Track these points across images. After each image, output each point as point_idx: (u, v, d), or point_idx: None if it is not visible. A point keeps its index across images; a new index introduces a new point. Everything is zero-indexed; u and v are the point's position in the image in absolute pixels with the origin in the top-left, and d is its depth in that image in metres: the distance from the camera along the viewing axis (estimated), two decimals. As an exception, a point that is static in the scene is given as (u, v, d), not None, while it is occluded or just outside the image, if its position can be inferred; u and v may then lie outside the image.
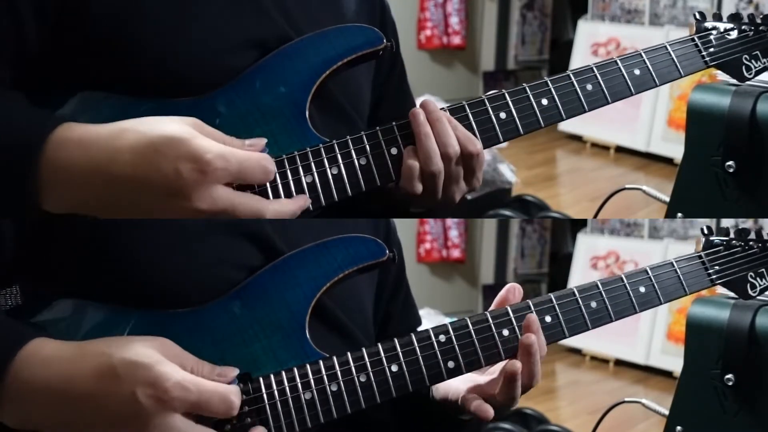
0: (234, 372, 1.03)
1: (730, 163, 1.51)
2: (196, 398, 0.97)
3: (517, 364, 1.11)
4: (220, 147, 1.00)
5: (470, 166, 1.15)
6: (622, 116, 4.02)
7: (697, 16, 1.33)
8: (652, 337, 4.01)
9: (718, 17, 1.33)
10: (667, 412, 1.59)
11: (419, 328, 1.24)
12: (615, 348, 4.11)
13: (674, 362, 3.77)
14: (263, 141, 1.06)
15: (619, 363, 4.14)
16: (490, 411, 1.13)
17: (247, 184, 1.04)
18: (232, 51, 1.11)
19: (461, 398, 1.17)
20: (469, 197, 1.29)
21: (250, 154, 1.02)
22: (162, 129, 0.99)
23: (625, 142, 4.17)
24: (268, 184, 1.08)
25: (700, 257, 1.31)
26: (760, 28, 1.34)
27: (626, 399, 1.78)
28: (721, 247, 1.34)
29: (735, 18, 1.34)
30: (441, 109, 1.15)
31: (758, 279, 1.35)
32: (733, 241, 1.35)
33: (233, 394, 1.00)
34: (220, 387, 0.99)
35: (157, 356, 0.97)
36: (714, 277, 1.31)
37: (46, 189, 0.99)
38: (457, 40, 4.66)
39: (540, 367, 1.15)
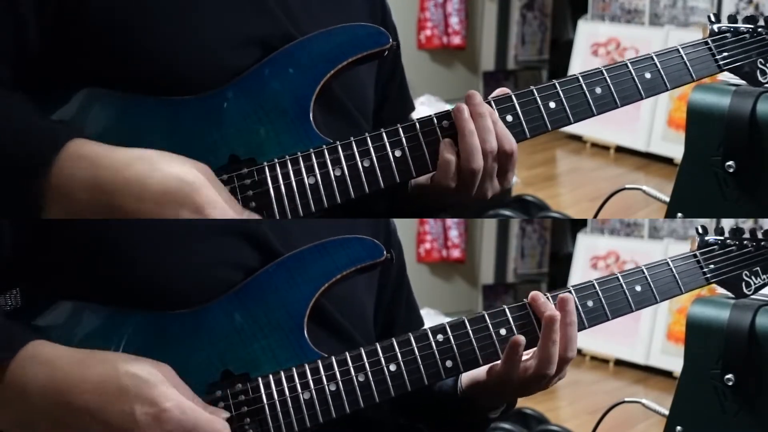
0: (225, 415, 1.03)
1: (730, 163, 1.51)
2: (192, 425, 0.97)
3: (521, 338, 1.12)
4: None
5: (505, 164, 1.14)
6: (622, 116, 4.00)
7: (712, 18, 1.31)
8: (652, 337, 4.00)
9: (732, 19, 1.31)
10: (667, 412, 1.59)
11: (420, 329, 1.25)
12: (615, 348, 4.11)
13: (674, 362, 3.76)
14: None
15: (619, 363, 4.13)
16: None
17: (245, 204, 1.04)
18: (234, 50, 1.11)
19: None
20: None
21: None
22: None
23: (625, 142, 4.16)
24: (270, 186, 1.08)
25: (695, 256, 1.32)
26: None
27: (626, 399, 1.78)
28: (715, 247, 1.35)
29: (750, 20, 1.32)
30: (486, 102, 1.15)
31: (753, 277, 1.36)
32: (728, 241, 1.35)
33: (223, 425, 1.00)
34: (216, 422, 0.99)
35: (161, 377, 0.97)
36: (709, 275, 1.32)
37: (51, 202, 0.99)
38: (457, 40, 4.66)
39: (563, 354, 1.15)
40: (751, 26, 1.32)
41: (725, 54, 1.29)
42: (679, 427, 1.55)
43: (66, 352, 0.99)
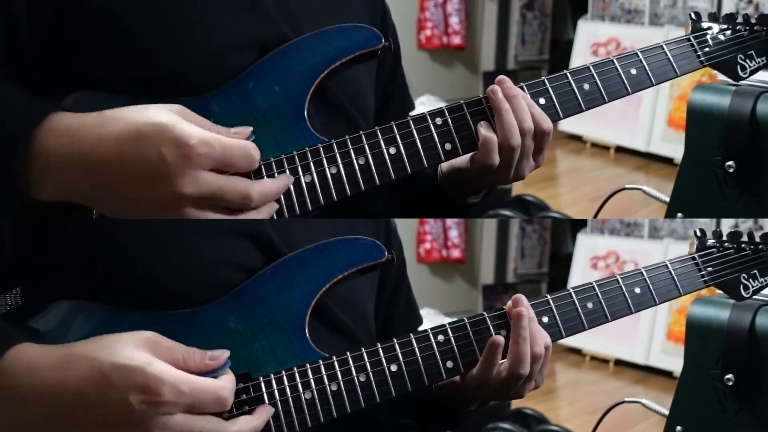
0: (225, 354, 1.02)
1: (730, 163, 1.51)
2: (190, 401, 0.96)
3: (500, 339, 1.13)
4: (204, 132, 1.00)
5: (540, 142, 1.18)
6: (622, 116, 4.01)
7: (693, 16, 1.33)
8: (652, 337, 4.00)
9: (713, 17, 1.34)
10: (667, 412, 1.59)
11: (419, 329, 1.25)
12: (615, 348, 4.11)
13: (674, 362, 3.76)
14: (248, 129, 1.06)
15: (619, 363, 4.13)
16: None
17: (233, 172, 1.04)
18: (232, 51, 1.11)
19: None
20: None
21: (235, 141, 1.02)
22: (147, 116, 0.99)
23: (625, 142, 4.16)
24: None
25: (693, 259, 1.33)
26: (755, 27, 1.35)
27: (626, 399, 1.78)
28: (714, 249, 1.35)
29: (730, 18, 1.34)
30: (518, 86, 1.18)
31: (751, 280, 1.36)
32: (726, 243, 1.36)
33: (226, 390, 1.00)
34: (212, 385, 0.98)
35: (147, 357, 0.96)
36: (707, 278, 1.33)
37: (35, 176, 0.99)
38: (457, 40, 4.66)
39: (536, 366, 1.15)
40: (731, 24, 1.34)
41: (707, 50, 1.31)
42: (679, 427, 1.55)
43: (46, 355, 0.97)
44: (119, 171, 0.98)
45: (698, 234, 1.37)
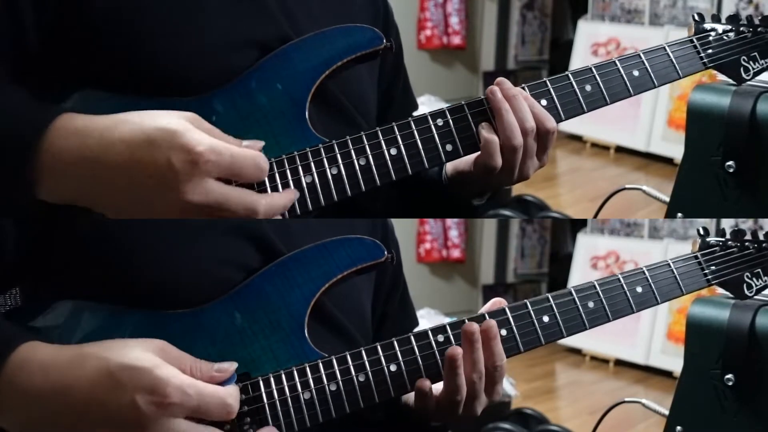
0: (233, 366, 1.02)
1: (730, 163, 1.51)
2: (196, 403, 0.96)
3: (458, 349, 1.10)
4: (213, 140, 1.00)
5: (544, 142, 1.17)
6: (622, 116, 4.01)
7: (696, 17, 1.33)
8: (652, 337, 4.00)
9: (716, 19, 1.33)
10: (667, 412, 1.59)
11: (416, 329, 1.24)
12: (615, 348, 4.11)
13: (674, 362, 3.76)
14: (260, 143, 1.06)
15: (619, 363, 4.13)
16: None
17: (240, 182, 1.04)
18: (233, 51, 1.11)
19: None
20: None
21: (244, 151, 1.02)
22: (157, 121, 0.99)
23: (625, 142, 4.16)
24: (267, 185, 1.08)
25: (696, 257, 1.32)
26: (759, 29, 1.34)
27: (626, 399, 1.78)
28: (717, 248, 1.34)
29: (733, 19, 1.34)
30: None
31: (754, 279, 1.36)
32: (729, 242, 1.35)
33: (231, 397, 1.00)
34: (220, 391, 0.99)
35: (155, 360, 0.96)
36: (710, 277, 1.32)
37: (43, 177, 0.99)
38: (457, 40, 4.66)
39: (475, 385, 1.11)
40: (734, 25, 1.34)
41: (710, 51, 1.31)
42: (679, 427, 1.55)
43: (58, 354, 0.98)
44: (127, 175, 0.98)
45: (701, 233, 1.37)
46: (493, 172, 1.15)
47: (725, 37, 1.32)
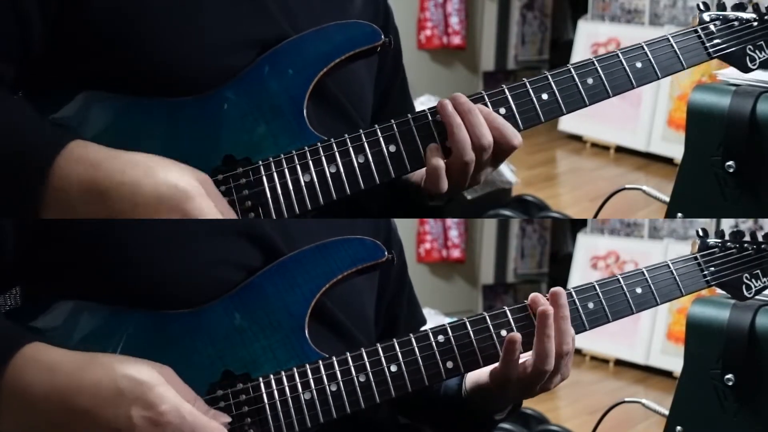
0: (225, 419, 1.03)
1: (730, 163, 1.51)
2: (189, 428, 0.96)
3: (517, 335, 1.11)
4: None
5: (502, 155, 1.15)
6: (622, 116, 4.02)
7: (701, 7, 1.30)
8: (652, 337, 4.01)
9: (722, 7, 1.30)
10: (667, 412, 1.59)
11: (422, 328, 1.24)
12: (615, 348, 4.11)
13: (674, 362, 3.76)
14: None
15: (619, 363, 4.13)
16: None
17: (241, 204, 1.04)
18: (233, 50, 1.11)
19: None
20: (468, 197, 1.29)
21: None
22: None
23: (625, 142, 4.16)
24: (266, 185, 1.08)
25: (695, 258, 1.32)
26: (765, 17, 1.31)
27: (626, 399, 1.78)
28: (716, 249, 1.34)
29: (739, 8, 1.31)
30: (474, 98, 1.14)
31: (753, 280, 1.35)
32: (729, 243, 1.35)
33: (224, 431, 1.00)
34: (214, 424, 0.99)
35: (160, 379, 0.97)
36: (709, 278, 1.31)
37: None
38: (457, 40, 4.66)
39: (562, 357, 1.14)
40: (740, 14, 1.31)
41: (715, 41, 1.28)
42: (679, 427, 1.55)
43: (66, 356, 0.98)
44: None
45: (700, 234, 1.36)
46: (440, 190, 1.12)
47: (731, 26, 1.30)
